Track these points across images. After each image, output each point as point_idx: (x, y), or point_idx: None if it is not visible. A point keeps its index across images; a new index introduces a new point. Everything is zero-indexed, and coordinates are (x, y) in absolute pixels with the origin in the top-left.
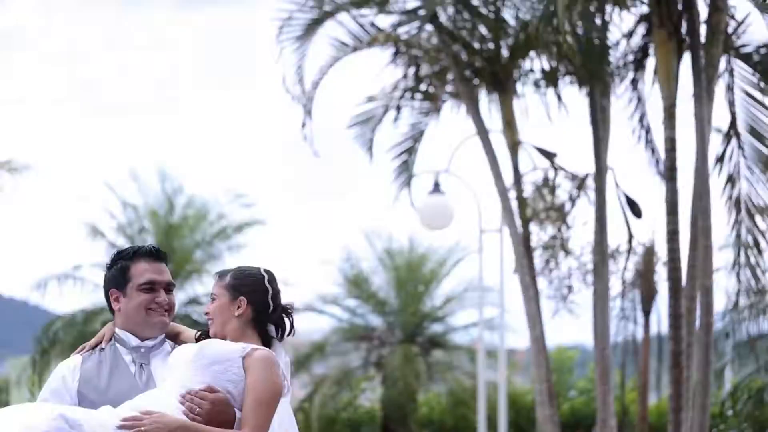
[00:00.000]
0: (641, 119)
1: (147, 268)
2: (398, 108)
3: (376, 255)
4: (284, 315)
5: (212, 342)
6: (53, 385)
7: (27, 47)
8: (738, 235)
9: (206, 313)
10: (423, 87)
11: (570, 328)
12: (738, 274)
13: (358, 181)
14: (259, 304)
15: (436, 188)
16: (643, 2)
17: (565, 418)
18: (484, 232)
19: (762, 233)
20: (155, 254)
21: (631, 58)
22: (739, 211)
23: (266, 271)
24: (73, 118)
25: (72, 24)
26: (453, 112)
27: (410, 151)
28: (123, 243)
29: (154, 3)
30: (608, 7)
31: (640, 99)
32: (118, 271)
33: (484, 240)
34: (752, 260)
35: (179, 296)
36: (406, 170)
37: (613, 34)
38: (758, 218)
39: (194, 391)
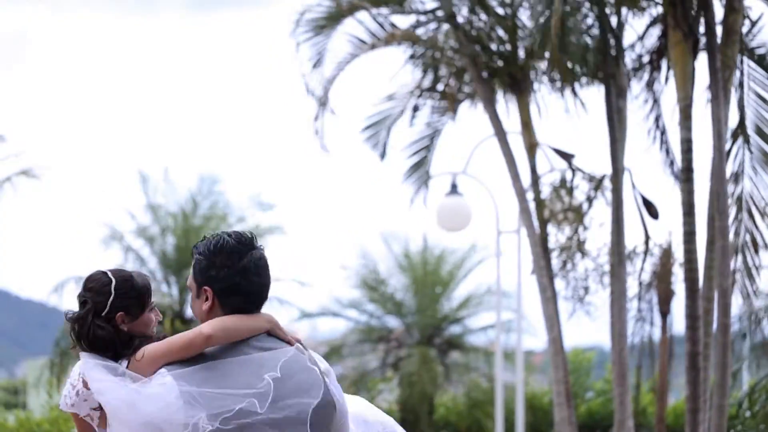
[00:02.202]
0: (657, 120)
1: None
2: (415, 108)
3: (393, 257)
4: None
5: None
6: None
7: (40, 50)
8: (737, 234)
9: None
10: (440, 87)
11: (587, 330)
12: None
13: (374, 182)
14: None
15: (454, 189)
16: (657, 3)
17: (583, 420)
18: (501, 233)
19: (761, 232)
20: None
21: (646, 59)
22: (740, 209)
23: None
24: (92, 120)
25: (83, 26)
26: (470, 113)
27: (427, 151)
28: (141, 245)
29: (167, 6)
30: (623, 9)
31: (655, 100)
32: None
33: (501, 241)
34: (749, 260)
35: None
36: (422, 171)
37: (629, 35)
38: (758, 218)
39: None
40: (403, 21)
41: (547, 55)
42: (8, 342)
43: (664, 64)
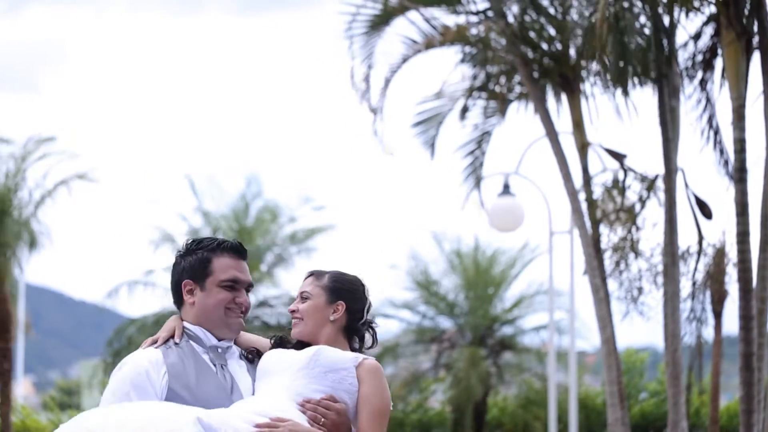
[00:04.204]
0: (710, 120)
1: (231, 264)
2: (465, 108)
3: (444, 257)
4: (369, 328)
5: (326, 349)
6: (135, 379)
7: (85, 52)
8: None
9: (292, 311)
10: (491, 87)
11: (640, 330)
12: None
13: (425, 182)
14: (355, 312)
15: (506, 190)
16: (710, 3)
17: (636, 421)
18: (553, 233)
19: None
20: (239, 251)
21: (699, 58)
22: None
23: (363, 281)
24: (138, 122)
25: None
26: (521, 113)
27: (478, 151)
28: None
29: (213, 7)
30: (676, 9)
31: (708, 100)
32: (198, 262)
33: (553, 242)
34: None
35: (250, 299)
36: (474, 171)
37: (681, 35)
38: None
39: (314, 399)
40: (454, 21)
41: (600, 55)
42: (63, 343)
43: (717, 63)
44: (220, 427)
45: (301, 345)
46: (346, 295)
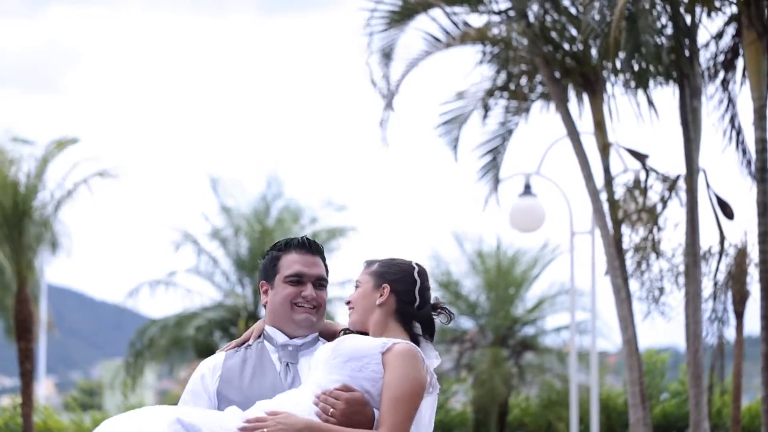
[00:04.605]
0: (732, 120)
1: (297, 259)
2: (486, 108)
3: (466, 257)
4: (433, 312)
5: (349, 338)
6: (191, 386)
7: (106, 54)
8: None
9: (348, 302)
10: (512, 86)
11: (661, 330)
12: None
13: (446, 182)
14: (403, 294)
15: (527, 190)
16: (732, 3)
17: (657, 421)
18: (575, 234)
19: None
20: (308, 246)
21: (721, 58)
22: None
23: (417, 264)
24: (159, 121)
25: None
26: (542, 113)
27: (499, 151)
28: (215, 247)
29: (236, 8)
30: (697, 9)
31: (730, 100)
32: (269, 261)
33: (575, 242)
34: None
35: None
36: (495, 171)
37: (703, 35)
38: None
39: (329, 390)
40: (475, 20)
41: (621, 55)
42: (84, 344)
43: (738, 63)
44: (203, 426)
45: (333, 336)
46: (391, 277)
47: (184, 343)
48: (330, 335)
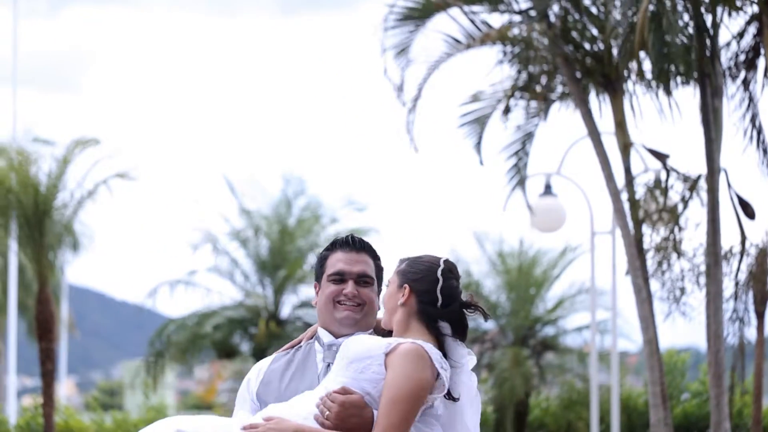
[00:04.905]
0: (753, 120)
1: (340, 258)
2: (507, 108)
3: (486, 257)
4: (467, 311)
5: (356, 338)
6: (240, 391)
7: (125, 54)
8: None
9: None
10: (533, 87)
11: (681, 330)
12: None
13: (467, 182)
14: (423, 294)
15: (548, 190)
16: (753, 2)
17: (678, 421)
18: (595, 234)
19: None
20: (352, 243)
21: (742, 58)
22: None
23: (445, 261)
24: (178, 121)
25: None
26: (563, 113)
27: (520, 152)
28: (235, 248)
29: (253, 7)
30: (719, 8)
31: (752, 99)
32: (318, 262)
33: (595, 242)
34: None
35: (291, 300)
36: (516, 172)
37: (724, 35)
38: None
39: (328, 392)
40: (495, 20)
41: (641, 54)
42: (105, 344)
43: (760, 63)
44: None
45: (390, 333)
46: (412, 276)
47: (203, 343)
48: (387, 333)
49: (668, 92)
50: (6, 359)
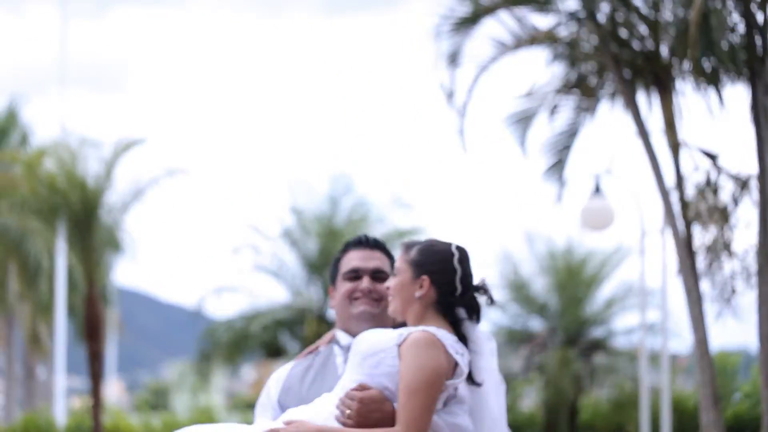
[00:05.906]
0: None
1: (353, 256)
2: (555, 107)
3: (535, 257)
4: (478, 294)
5: (367, 334)
6: (261, 398)
7: (172, 54)
8: None
9: (387, 288)
10: (581, 85)
11: (732, 331)
12: None
13: (516, 181)
14: (444, 286)
15: (598, 190)
16: None
17: (729, 423)
18: (645, 233)
19: None
20: (364, 242)
21: None
22: None
23: (458, 248)
24: (224, 121)
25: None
26: (612, 113)
27: (568, 151)
28: (283, 248)
29: (299, 8)
30: None
31: None
32: (332, 266)
33: (645, 242)
34: None
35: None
36: (563, 171)
37: None
38: None
39: (347, 391)
40: (542, 20)
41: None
42: (153, 345)
43: None
44: None
45: (403, 325)
46: (431, 268)
47: (251, 343)
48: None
49: (718, 91)
50: (54, 360)
